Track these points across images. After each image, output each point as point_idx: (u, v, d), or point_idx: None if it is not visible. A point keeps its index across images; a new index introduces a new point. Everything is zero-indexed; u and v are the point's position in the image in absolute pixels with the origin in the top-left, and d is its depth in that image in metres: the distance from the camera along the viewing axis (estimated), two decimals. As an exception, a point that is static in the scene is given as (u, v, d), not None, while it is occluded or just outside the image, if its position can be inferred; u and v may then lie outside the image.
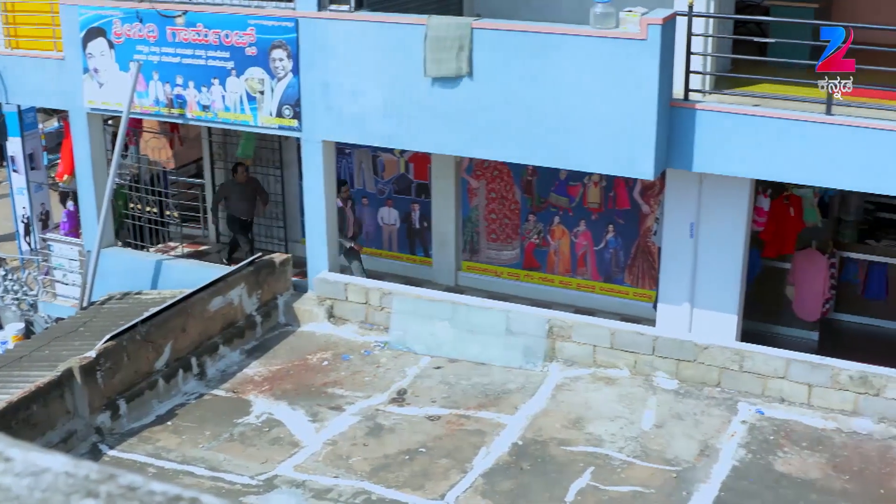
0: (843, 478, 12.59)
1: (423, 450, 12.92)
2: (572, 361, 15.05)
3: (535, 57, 14.11)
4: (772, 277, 17.57)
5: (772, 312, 17.66)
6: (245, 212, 19.26)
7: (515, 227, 18.67)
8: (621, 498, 12.00)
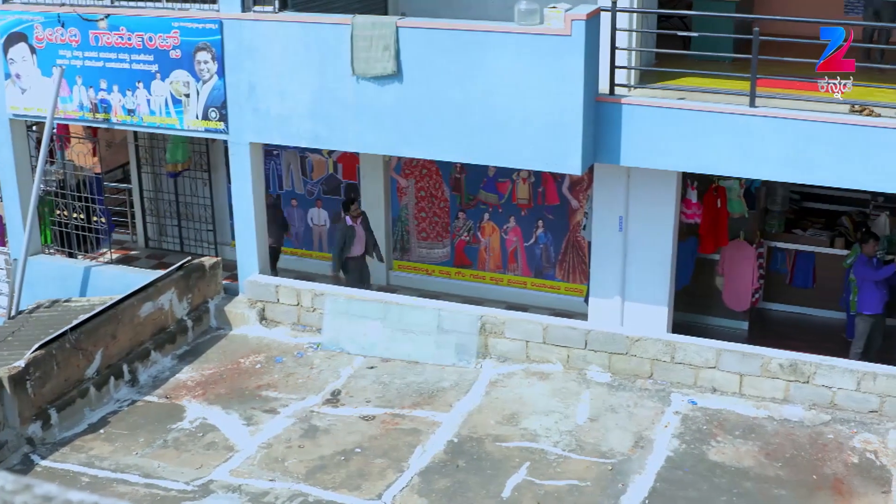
0: (776, 465, 12.75)
1: (358, 450, 12.90)
2: (505, 357, 15.10)
3: (460, 55, 14.13)
4: (701, 269, 17.74)
5: (702, 303, 17.83)
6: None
7: (445, 225, 18.70)
8: (558, 492, 12.06)
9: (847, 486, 12.37)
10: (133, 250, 20.84)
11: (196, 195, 20.05)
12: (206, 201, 20.01)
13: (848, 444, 13.23)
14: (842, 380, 13.87)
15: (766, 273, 18.12)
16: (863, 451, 13.07)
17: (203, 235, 20.22)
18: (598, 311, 16.11)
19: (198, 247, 20.12)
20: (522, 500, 11.91)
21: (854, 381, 13.82)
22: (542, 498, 11.93)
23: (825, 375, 13.92)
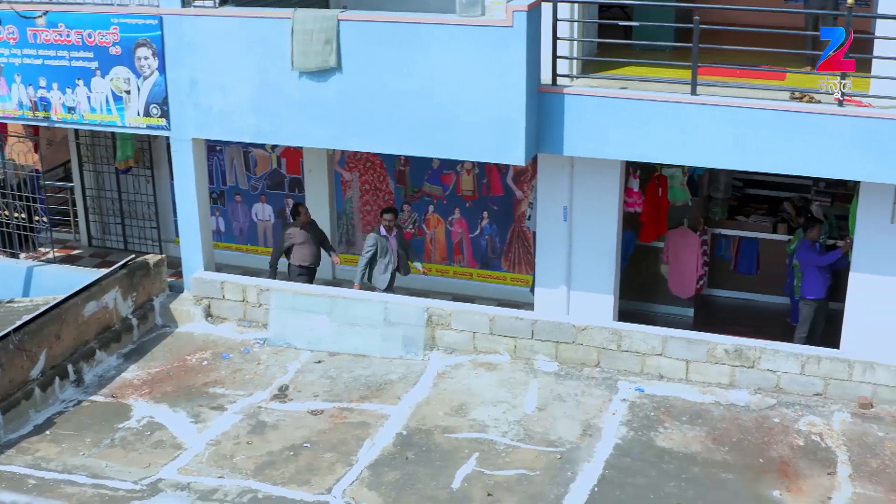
0: (723, 449, 12.86)
1: (307, 445, 12.88)
2: (452, 349, 15.12)
3: (402, 47, 14.11)
4: (646, 256, 17.82)
5: (647, 291, 17.92)
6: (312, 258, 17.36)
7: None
8: (507, 482, 12.10)
9: (793, 468, 12.50)
10: (76, 249, 20.65)
11: (139, 192, 19.90)
12: (150, 198, 19.86)
13: (793, 427, 13.37)
14: (786, 364, 14.00)
15: (711, 260, 18.22)
16: (808, 434, 13.20)
17: (147, 233, 20.07)
18: (545, 300, 16.15)
19: (142, 244, 19.97)
20: (472, 490, 11.94)
21: (798, 365, 13.96)
22: (492, 488, 11.97)
23: (770, 360, 14.05)
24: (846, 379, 13.84)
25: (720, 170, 17.54)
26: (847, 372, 13.83)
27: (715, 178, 18.25)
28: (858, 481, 12.26)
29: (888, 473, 12.42)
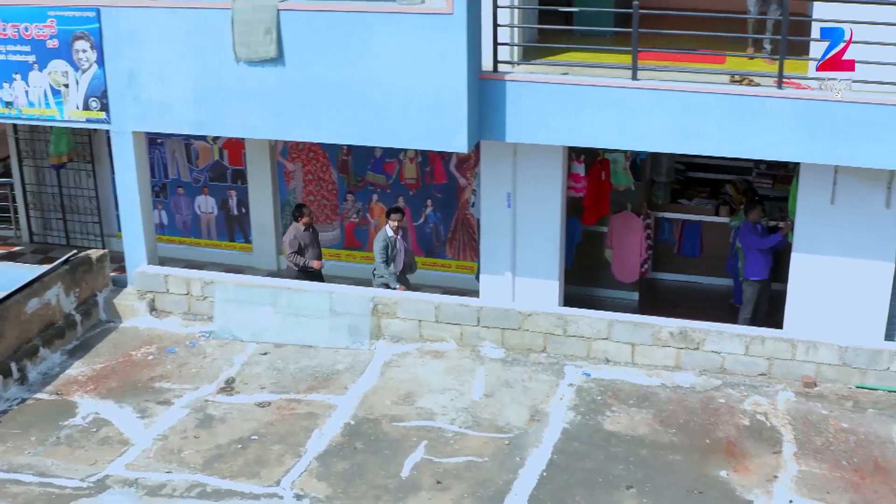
0: (671, 431, 12.95)
1: (255, 437, 12.84)
2: (399, 337, 15.12)
3: (343, 36, 14.06)
4: (591, 241, 17.88)
5: (592, 276, 17.99)
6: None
7: (334, 207, 18.63)
8: (456, 469, 12.12)
9: (739, 448, 12.61)
10: (17, 246, 20.44)
11: (80, 187, 19.73)
12: (91, 193, 19.69)
13: (739, 407, 13.48)
14: (731, 345, 14.11)
15: (654, 243, 18.33)
16: (753, 414, 13.32)
17: (89, 228, 19.90)
18: (490, 287, 16.18)
19: (84, 240, 19.80)
20: (421, 478, 11.95)
21: (743, 346, 14.07)
22: (441, 475, 11.99)
23: (714, 341, 14.15)
24: (790, 358, 13.98)
25: (662, 154, 17.65)
26: (790, 352, 13.97)
27: (657, 162, 18.34)
28: (803, 459, 12.39)
29: (832, 451, 12.56)
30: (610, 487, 11.85)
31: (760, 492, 11.78)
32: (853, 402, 13.62)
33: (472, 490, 11.76)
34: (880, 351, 13.81)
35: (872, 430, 13.06)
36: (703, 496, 11.71)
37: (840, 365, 13.86)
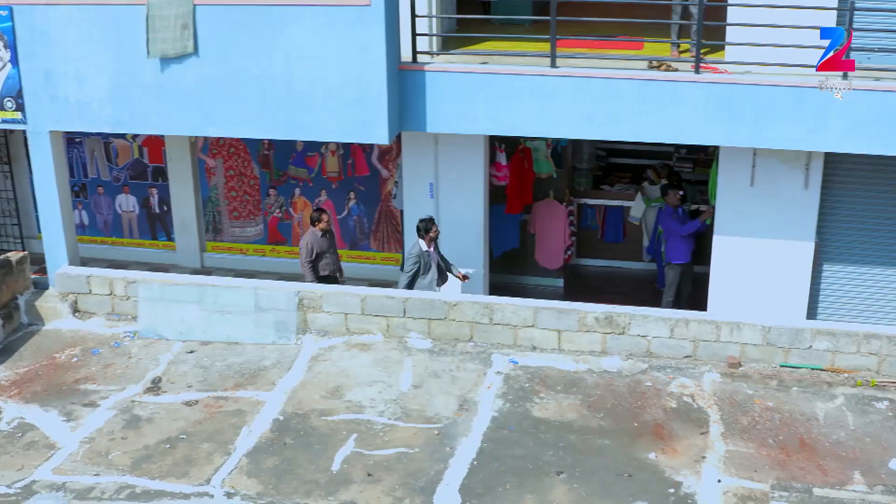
0: (598, 416, 13.03)
1: (183, 436, 12.75)
2: (325, 331, 15.08)
3: (261, 30, 13.99)
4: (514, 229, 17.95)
5: (517, 264, 18.06)
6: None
7: (257, 202, 18.54)
8: (387, 461, 12.11)
9: (667, 430, 12.71)
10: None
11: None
12: (9, 194, 19.45)
13: (666, 389, 13.60)
14: (656, 328, 14.23)
15: (578, 230, 18.44)
16: (680, 396, 13.45)
17: (8, 230, 19.65)
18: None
19: (3, 242, 19.56)
20: (352, 472, 11.93)
21: (667, 329, 14.19)
22: (372, 468, 11.98)
23: (640, 325, 14.26)
24: (714, 340, 14.11)
25: (583, 140, 17.76)
26: (715, 333, 14.11)
27: (578, 149, 18.45)
28: (730, 439, 12.52)
29: (758, 430, 12.71)
30: (540, 473, 11.91)
31: (689, 472, 11.90)
32: (777, 381, 13.79)
33: (403, 481, 11.76)
34: (802, 330, 13.99)
35: (797, 407, 13.24)
36: (633, 479, 11.80)
37: (764, 345, 14.03)
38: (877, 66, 13.62)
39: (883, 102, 13.14)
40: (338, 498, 11.51)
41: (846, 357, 13.91)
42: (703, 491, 11.57)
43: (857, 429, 12.81)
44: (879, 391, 13.61)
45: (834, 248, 14.90)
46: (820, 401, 13.39)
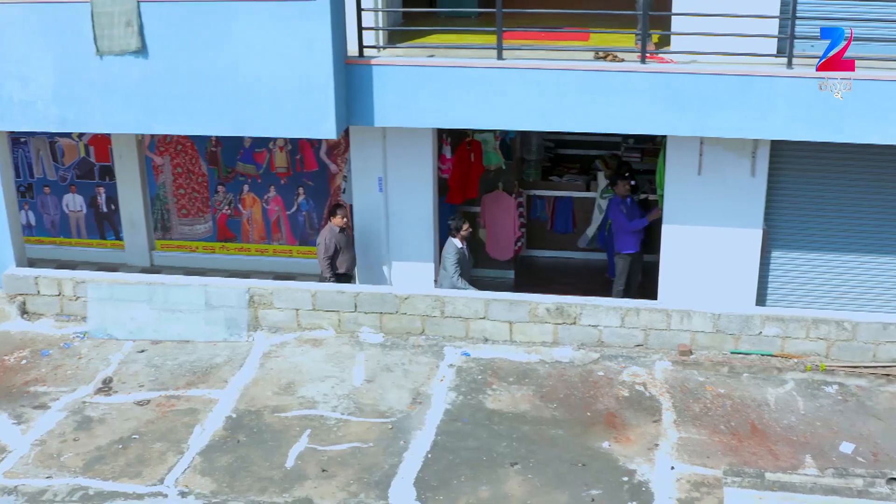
0: (551, 406, 13.08)
1: (136, 436, 12.68)
2: (277, 328, 15.04)
3: (206, 26, 13.91)
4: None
5: (467, 256, 18.07)
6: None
7: (205, 199, 18.45)
8: (341, 456, 12.11)
9: (620, 419, 12.78)
10: None
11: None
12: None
13: (618, 378, 13.67)
14: (607, 318, 14.29)
15: (527, 221, 18.47)
16: (632, 384, 13.52)
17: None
18: (366, 272, 16.17)
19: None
20: (306, 467, 11.92)
21: (618, 318, 14.26)
22: (326, 464, 11.97)
23: (591, 315, 14.31)
24: (665, 328, 14.19)
25: (531, 132, 17.78)
26: (665, 321, 14.18)
27: (527, 141, 18.47)
28: (683, 426, 12.61)
29: (710, 416, 12.80)
30: (494, 465, 11.94)
31: (642, 460, 11.96)
32: (728, 367, 13.89)
33: (357, 476, 11.76)
34: (752, 316, 14.09)
35: (748, 393, 13.34)
36: (587, 468, 11.85)
37: (714, 332, 14.12)
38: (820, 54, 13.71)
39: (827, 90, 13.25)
40: (292, 494, 11.49)
41: (795, 342, 14.03)
42: (656, 478, 11.65)
43: (808, 413, 12.94)
44: (829, 375, 13.75)
45: (781, 234, 15.01)
46: (770, 386, 13.51)
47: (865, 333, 13.91)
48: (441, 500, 11.35)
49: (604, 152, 19.22)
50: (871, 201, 14.72)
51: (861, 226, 14.83)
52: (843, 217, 14.84)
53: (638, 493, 11.42)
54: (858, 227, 14.85)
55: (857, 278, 15.06)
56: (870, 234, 14.84)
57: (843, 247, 14.96)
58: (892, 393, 13.42)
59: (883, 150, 14.15)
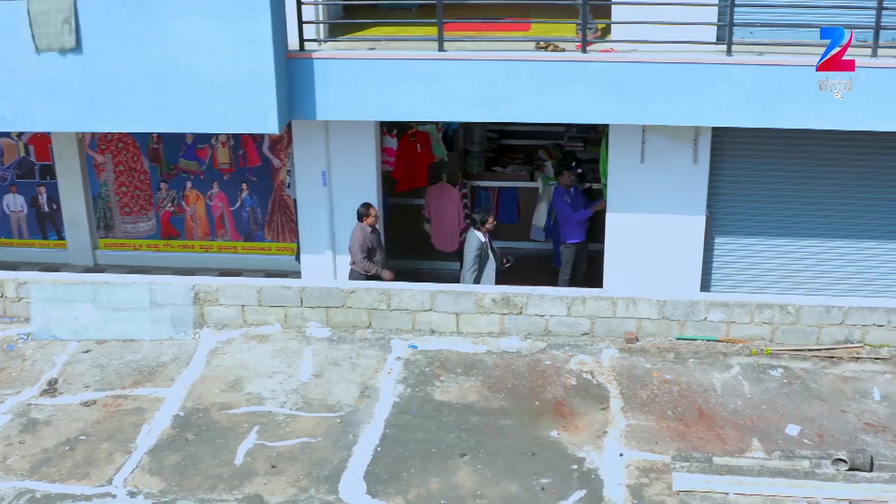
0: (499, 396, 13.10)
1: (83, 437, 12.58)
2: (223, 324, 14.98)
3: (146, 22, 13.80)
4: (409, 214, 17.96)
5: (413, 248, 18.08)
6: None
7: (148, 197, 18.34)
8: (290, 451, 12.07)
9: (568, 407, 12.83)
10: None
11: None
12: None
13: (565, 367, 13.72)
14: (553, 307, 14.33)
15: (472, 212, 18.48)
16: (580, 373, 13.57)
17: None
18: (311, 267, 16.15)
19: None
20: (256, 464, 11.87)
21: (565, 307, 14.30)
22: (275, 460, 11.93)
23: (537, 305, 14.35)
24: (611, 316, 14.26)
25: (474, 123, 17.80)
26: (611, 309, 14.25)
27: (470, 132, 18.50)
28: (631, 413, 12.67)
29: (657, 402, 12.88)
30: (444, 456, 11.95)
31: (591, 448, 12.01)
32: (674, 353, 13.98)
33: (307, 471, 11.73)
34: (697, 302, 14.19)
35: (694, 379, 13.43)
36: (536, 457, 11.89)
37: (659, 319, 14.20)
38: (760, 40, 13.83)
39: (766, 76, 13.35)
40: (242, 491, 11.45)
41: (740, 327, 14.14)
42: (605, 465, 11.70)
43: (754, 397, 13.04)
44: (774, 359, 13.87)
45: (724, 220, 15.13)
46: (716, 371, 13.61)
47: (809, 317, 14.04)
48: (391, 493, 11.35)
49: (547, 142, 19.27)
50: (812, 186, 14.87)
51: (802, 210, 14.99)
52: (784, 202, 14.99)
53: (587, 480, 11.47)
54: (800, 212, 15.00)
55: (799, 262, 15.22)
56: (811, 219, 15.00)
57: (786, 231, 15.10)
58: (836, 375, 13.56)
59: (822, 134, 14.28)
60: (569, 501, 11.20)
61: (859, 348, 14.00)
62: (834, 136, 14.36)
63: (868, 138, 14.35)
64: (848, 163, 14.78)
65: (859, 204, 15.00)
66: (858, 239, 15.05)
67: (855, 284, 15.27)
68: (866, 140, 14.43)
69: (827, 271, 15.21)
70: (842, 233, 15.04)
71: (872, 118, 13.39)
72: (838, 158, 14.76)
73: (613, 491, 11.30)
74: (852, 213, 15.00)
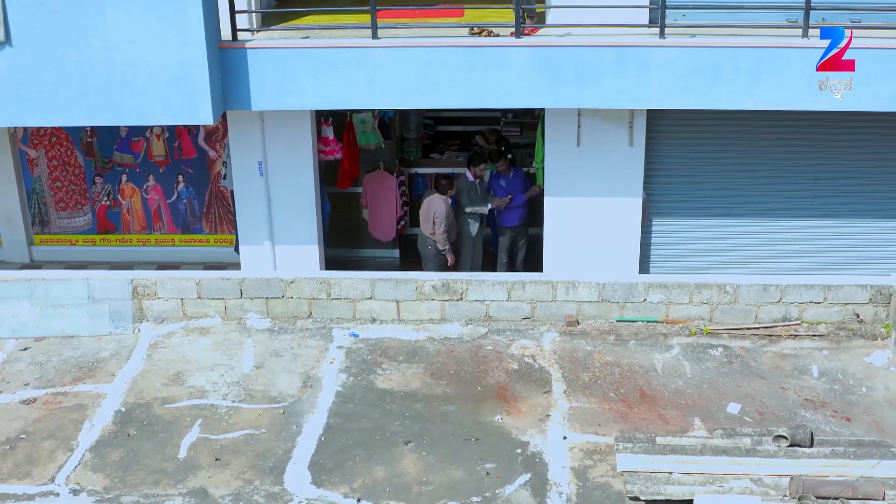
0: (442, 383, 13.15)
1: (23, 436, 12.48)
2: (162, 318, 14.90)
3: (75, 14, 13.63)
4: (348, 203, 17.91)
5: (351, 237, 18.03)
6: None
7: (83, 191, 18.15)
8: (233, 444, 12.06)
9: (511, 392, 12.89)
10: None
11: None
12: None
13: (507, 352, 13.78)
14: (493, 292, 14.38)
15: (410, 200, 18.48)
16: (521, 357, 13.64)
17: None
18: (250, 258, 16.05)
19: None
20: (199, 457, 11.84)
21: (505, 292, 14.35)
22: (219, 452, 11.91)
23: (477, 290, 14.39)
24: (551, 300, 14.33)
25: (410, 110, 17.78)
26: (551, 293, 14.32)
27: (406, 119, 18.47)
28: (573, 396, 12.76)
29: (599, 385, 12.97)
30: (388, 444, 11.98)
31: (535, 432, 12.09)
32: (615, 335, 14.08)
33: (252, 463, 11.72)
34: (636, 284, 14.29)
35: (635, 360, 13.54)
36: (480, 443, 11.95)
37: (599, 301, 14.29)
38: (692, 23, 13.90)
39: (699, 58, 13.42)
40: (186, 485, 11.42)
41: (679, 308, 14.26)
42: (549, 449, 11.78)
43: (695, 376, 13.17)
44: (713, 339, 14.02)
45: (661, 202, 15.20)
46: (657, 352, 13.73)
47: (747, 296, 14.19)
48: (337, 483, 11.37)
49: (483, 128, 19.28)
50: (747, 166, 14.98)
51: (738, 190, 15.09)
52: (720, 182, 15.09)
53: (532, 464, 11.54)
54: (736, 192, 15.10)
55: (736, 242, 15.32)
56: (747, 198, 15.11)
57: (722, 211, 15.20)
58: (775, 353, 13.72)
59: (756, 115, 14.39)
60: (514, 486, 11.27)
61: (797, 326, 14.17)
62: (767, 116, 14.47)
63: (800, 117, 14.47)
64: (781, 142, 14.91)
65: (794, 182, 15.12)
66: (794, 217, 15.18)
67: (792, 263, 15.40)
68: (799, 119, 14.55)
69: (764, 250, 15.32)
70: (778, 212, 15.17)
71: (803, 98, 13.50)
72: (772, 138, 14.87)
73: (558, 474, 11.39)
74: (787, 191, 15.13)
